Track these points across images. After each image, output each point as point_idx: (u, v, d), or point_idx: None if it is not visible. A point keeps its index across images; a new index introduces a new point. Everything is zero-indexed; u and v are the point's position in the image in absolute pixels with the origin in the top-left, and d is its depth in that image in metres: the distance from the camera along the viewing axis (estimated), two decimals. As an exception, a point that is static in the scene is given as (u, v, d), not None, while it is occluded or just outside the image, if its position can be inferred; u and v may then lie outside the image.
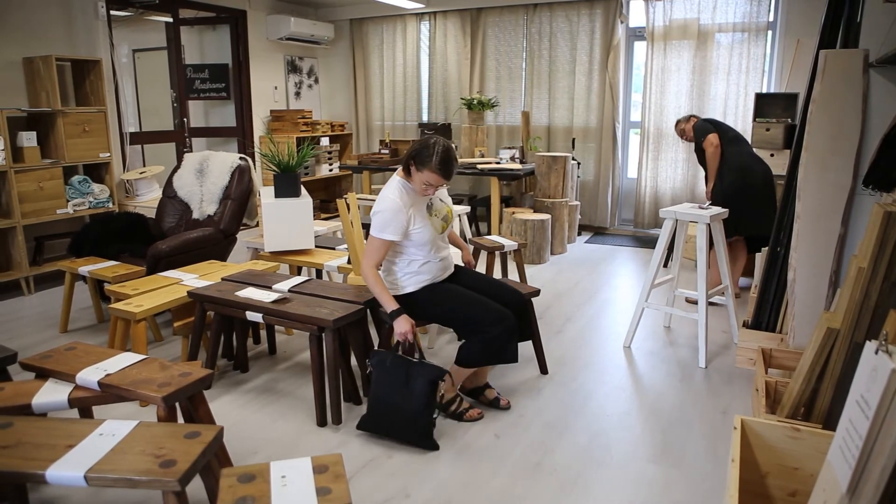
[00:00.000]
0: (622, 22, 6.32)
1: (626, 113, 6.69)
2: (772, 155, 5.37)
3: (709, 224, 3.38)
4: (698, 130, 4.29)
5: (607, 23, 6.35)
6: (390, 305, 2.60)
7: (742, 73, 5.87)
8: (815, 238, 2.88)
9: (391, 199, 2.60)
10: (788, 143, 5.09)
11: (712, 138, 4.16)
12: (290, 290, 3.04)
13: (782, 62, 5.69)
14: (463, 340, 2.72)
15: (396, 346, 2.80)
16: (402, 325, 2.58)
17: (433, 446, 2.56)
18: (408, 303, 2.71)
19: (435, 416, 2.74)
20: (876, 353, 1.17)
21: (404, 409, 2.53)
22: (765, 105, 5.37)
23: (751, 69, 5.84)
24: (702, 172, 6.21)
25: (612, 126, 6.51)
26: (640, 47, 6.55)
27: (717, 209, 3.47)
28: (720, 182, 4.13)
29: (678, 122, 4.59)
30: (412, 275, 2.71)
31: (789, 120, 5.21)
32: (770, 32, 5.81)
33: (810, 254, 2.89)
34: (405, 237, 2.64)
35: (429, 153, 2.53)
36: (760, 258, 3.94)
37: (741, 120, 5.91)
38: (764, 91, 5.80)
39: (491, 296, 2.77)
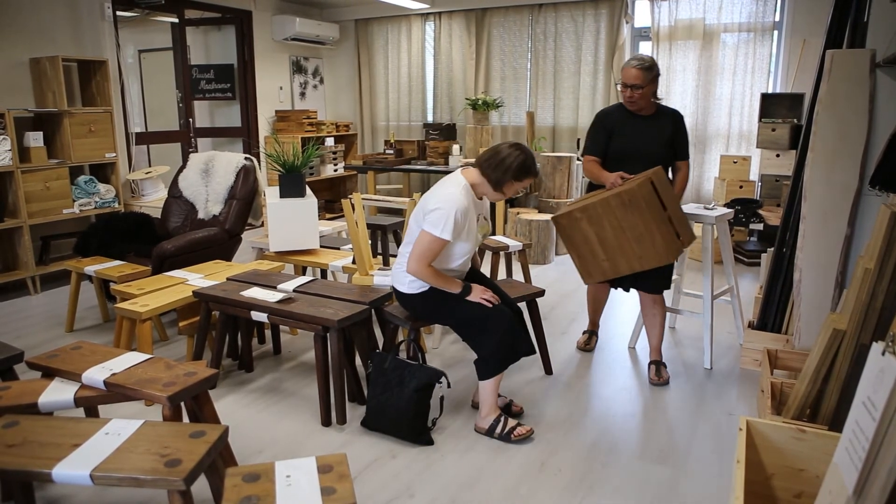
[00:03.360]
0: (627, 22, 6.32)
1: (632, 113, 6.67)
2: (777, 155, 5.36)
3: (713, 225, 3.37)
4: (685, 129, 3.17)
5: (612, 23, 6.34)
6: (456, 286, 2.56)
7: (748, 73, 5.85)
8: (821, 239, 2.87)
9: (459, 200, 2.48)
10: (794, 143, 5.07)
11: None
12: (294, 290, 3.05)
13: (788, 62, 5.67)
14: (476, 358, 2.62)
15: (398, 346, 2.80)
16: (478, 294, 2.56)
17: (427, 441, 2.59)
18: (412, 302, 2.70)
19: (437, 416, 2.75)
20: (883, 354, 1.17)
21: (394, 409, 2.58)
22: (770, 105, 5.36)
23: (756, 69, 5.82)
24: (709, 172, 6.20)
25: (617, 126, 6.50)
26: (645, 47, 6.53)
27: (722, 209, 3.46)
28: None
29: (635, 67, 2.98)
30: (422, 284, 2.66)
31: (795, 120, 5.19)
32: (776, 32, 5.79)
33: (816, 254, 2.88)
34: (455, 241, 2.53)
35: (530, 163, 2.56)
36: (766, 259, 3.92)
37: (747, 120, 5.90)
38: (770, 91, 5.78)
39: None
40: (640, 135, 3.10)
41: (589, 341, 3.61)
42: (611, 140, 3.15)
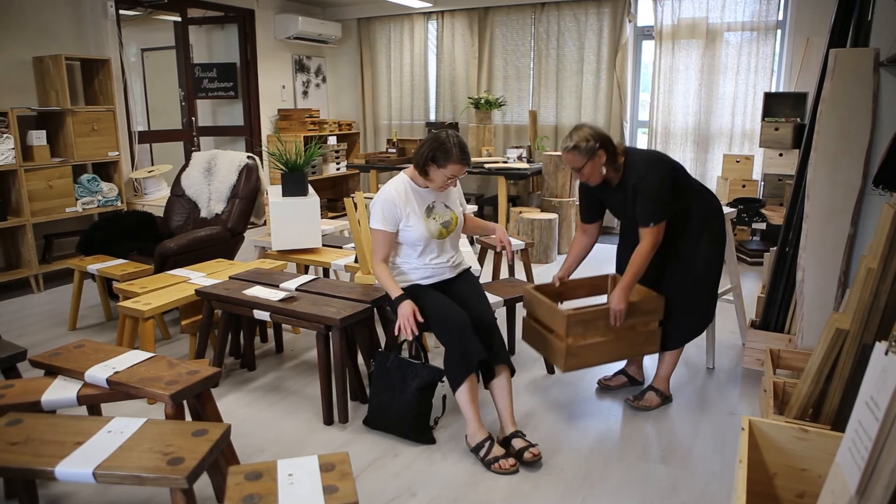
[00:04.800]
0: (630, 21, 6.30)
1: (634, 112, 6.66)
2: (780, 154, 5.35)
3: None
4: (655, 190, 2.55)
5: (615, 22, 6.33)
6: (395, 292, 2.56)
7: (751, 72, 5.84)
8: (824, 238, 2.86)
9: (387, 191, 2.64)
10: (797, 142, 5.06)
11: (663, 227, 2.60)
12: (297, 289, 3.05)
13: (791, 61, 5.66)
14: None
15: (401, 345, 2.80)
16: (404, 309, 2.50)
17: (429, 440, 2.59)
18: (386, 300, 2.75)
19: (439, 415, 2.75)
20: (886, 354, 1.16)
21: (396, 408, 2.58)
22: (774, 104, 5.35)
23: (760, 68, 5.81)
24: (712, 172, 6.19)
25: (619, 125, 6.49)
26: (648, 46, 6.52)
27: (725, 209, 3.45)
28: (701, 242, 2.77)
29: (564, 150, 2.61)
30: (396, 275, 2.71)
31: (798, 119, 5.18)
32: (779, 31, 5.78)
33: (819, 254, 2.88)
34: (398, 230, 2.64)
35: (447, 148, 2.52)
36: (768, 258, 3.91)
37: (749, 119, 5.89)
38: (773, 90, 5.76)
39: (467, 307, 2.61)
40: (615, 204, 2.82)
41: (612, 379, 3.11)
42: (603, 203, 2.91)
